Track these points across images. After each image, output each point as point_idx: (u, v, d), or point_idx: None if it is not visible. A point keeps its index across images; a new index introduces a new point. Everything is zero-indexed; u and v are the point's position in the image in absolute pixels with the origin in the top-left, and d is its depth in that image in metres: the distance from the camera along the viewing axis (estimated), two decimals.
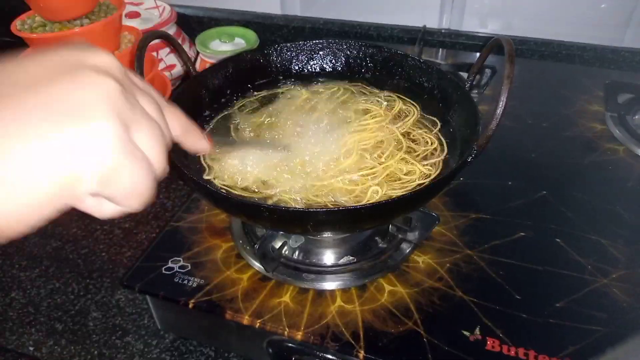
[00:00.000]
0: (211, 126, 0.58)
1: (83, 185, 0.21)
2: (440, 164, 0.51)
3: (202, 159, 0.53)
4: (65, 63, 0.22)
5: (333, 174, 0.49)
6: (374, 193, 0.47)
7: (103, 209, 0.24)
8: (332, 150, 0.52)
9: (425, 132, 0.55)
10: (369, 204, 0.44)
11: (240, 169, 0.50)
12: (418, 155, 0.52)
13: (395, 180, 0.49)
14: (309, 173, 0.50)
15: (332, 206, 0.46)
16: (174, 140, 0.29)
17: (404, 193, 0.47)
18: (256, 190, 0.49)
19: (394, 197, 0.43)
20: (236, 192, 0.48)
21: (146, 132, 0.23)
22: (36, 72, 0.21)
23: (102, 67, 0.23)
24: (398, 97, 0.61)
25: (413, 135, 0.55)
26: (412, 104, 0.60)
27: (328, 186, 0.48)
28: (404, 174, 0.50)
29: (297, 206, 0.46)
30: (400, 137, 0.54)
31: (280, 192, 0.48)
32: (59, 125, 0.20)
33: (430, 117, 0.58)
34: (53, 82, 0.21)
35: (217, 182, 0.50)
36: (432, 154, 0.53)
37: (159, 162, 0.24)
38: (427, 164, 0.51)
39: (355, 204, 0.46)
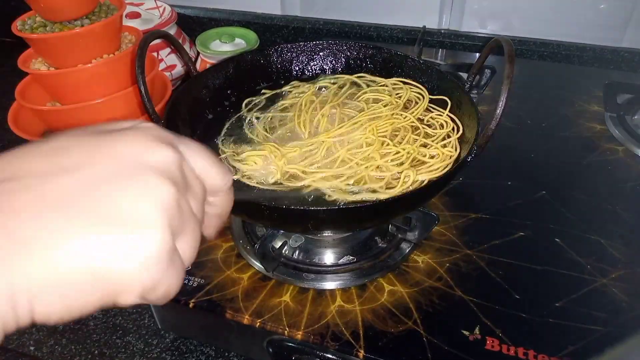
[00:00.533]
0: (225, 129, 0.59)
1: (124, 295, 0.20)
2: (457, 142, 0.52)
3: (225, 160, 0.53)
4: (126, 160, 0.21)
5: (358, 162, 0.50)
6: (407, 178, 0.47)
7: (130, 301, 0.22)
8: (353, 138, 0.53)
9: (438, 114, 0.56)
10: (369, 204, 0.45)
11: (265, 166, 0.51)
12: (437, 138, 0.53)
13: (421, 165, 0.50)
14: (334, 160, 0.51)
15: (367, 196, 0.47)
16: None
17: (433, 178, 0.48)
18: (287, 184, 0.49)
19: (394, 197, 0.43)
20: (267, 188, 0.49)
21: (189, 238, 0.22)
22: (96, 169, 0.20)
23: (161, 167, 0.21)
24: (404, 83, 0.61)
25: (427, 120, 0.56)
26: (420, 89, 0.60)
27: (356, 175, 0.49)
28: (429, 158, 0.50)
29: (332, 196, 0.47)
30: (417, 122, 0.55)
31: (311, 181, 0.49)
32: (109, 231, 0.19)
33: (439, 96, 0.58)
34: (111, 184, 0.20)
35: (245, 181, 0.51)
36: (448, 135, 0.54)
37: (190, 262, 0.23)
38: (446, 145, 0.51)
39: (388, 197, 0.45)
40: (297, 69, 0.65)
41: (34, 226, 0.18)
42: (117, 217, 0.19)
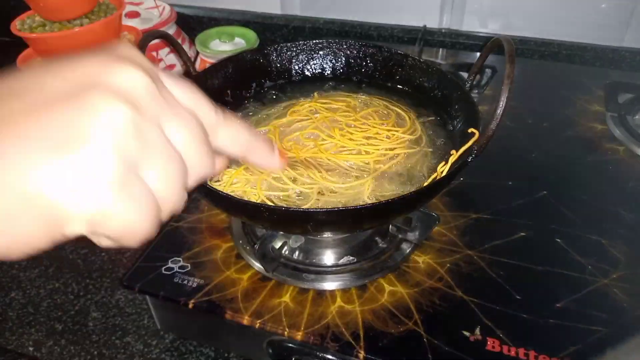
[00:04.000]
0: None
1: (70, 226, 0.19)
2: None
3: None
4: (80, 80, 0.19)
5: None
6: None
7: (100, 241, 0.21)
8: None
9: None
10: (369, 204, 0.44)
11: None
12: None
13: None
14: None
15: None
16: (239, 159, 0.26)
17: (406, 193, 0.47)
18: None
19: (394, 197, 0.43)
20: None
21: (160, 170, 0.20)
22: (46, 91, 0.19)
23: (120, 88, 0.19)
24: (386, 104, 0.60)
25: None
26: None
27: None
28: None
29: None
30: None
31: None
32: (50, 156, 0.18)
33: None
34: (57, 105, 0.18)
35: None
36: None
37: (170, 201, 0.21)
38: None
39: (355, 205, 0.46)
40: (296, 68, 0.65)
41: None
42: (55, 138, 0.18)
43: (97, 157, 0.18)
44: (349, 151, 0.52)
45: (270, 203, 0.46)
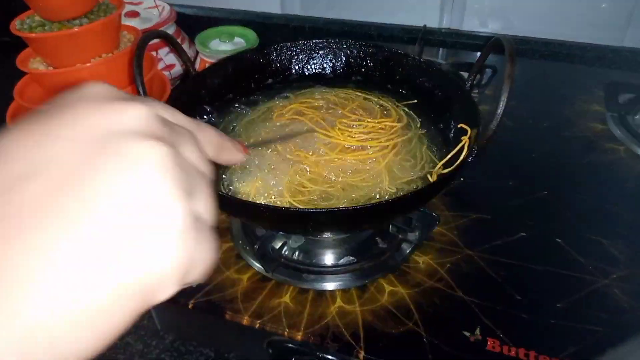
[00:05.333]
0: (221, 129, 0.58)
1: (167, 288, 0.17)
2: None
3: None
4: (92, 137, 0.16)
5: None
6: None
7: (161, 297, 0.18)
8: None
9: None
10: (369, 204, 0.44)
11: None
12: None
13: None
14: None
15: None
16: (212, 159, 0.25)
17: (406, 193, 0.47)
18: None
19: (394, 197, 0.43)
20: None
21: (202, 195, 0.19)
22: (63, 159, 0.16)
23: (139, 128, 0.17)
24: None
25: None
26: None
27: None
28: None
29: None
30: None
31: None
32: (112, 231, 0.15)
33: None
34: (90, 171, 0.16)
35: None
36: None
37: (214, 219, 0.20)
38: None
39: (355, 205, 0.46)
40: (296, 67, 0.65)
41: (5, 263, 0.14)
42: (114, 209, 0.15)
43: (169, 203, 0.16)
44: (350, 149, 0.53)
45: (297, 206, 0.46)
